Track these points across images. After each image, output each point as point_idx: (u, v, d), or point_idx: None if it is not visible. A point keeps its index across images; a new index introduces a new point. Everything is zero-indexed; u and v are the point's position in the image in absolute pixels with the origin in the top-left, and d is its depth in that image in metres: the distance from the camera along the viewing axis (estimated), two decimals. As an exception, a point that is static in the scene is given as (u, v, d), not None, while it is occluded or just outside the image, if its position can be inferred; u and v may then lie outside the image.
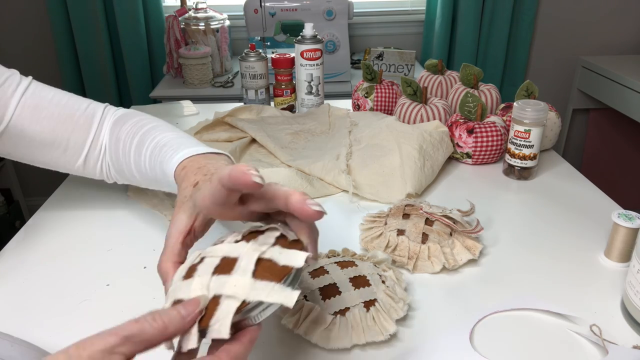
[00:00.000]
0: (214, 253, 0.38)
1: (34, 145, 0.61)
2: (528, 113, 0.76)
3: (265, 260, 0.36)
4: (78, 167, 0.65)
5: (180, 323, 0.33)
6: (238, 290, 0.34)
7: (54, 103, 0.62)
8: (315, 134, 0.94)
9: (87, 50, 1.89)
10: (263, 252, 0.37)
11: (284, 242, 0.38)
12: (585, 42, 2.08)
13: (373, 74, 1.00)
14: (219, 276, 0.36)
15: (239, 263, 0.36)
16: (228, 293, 0.34)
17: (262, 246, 0.37)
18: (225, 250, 0.38)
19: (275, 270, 0.36)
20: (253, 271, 0.35)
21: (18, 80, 0.61)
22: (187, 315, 0.33)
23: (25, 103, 0.60)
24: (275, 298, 0.34)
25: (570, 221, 0.70)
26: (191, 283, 0.36)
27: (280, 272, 0.35)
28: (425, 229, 0.62)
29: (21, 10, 1.91)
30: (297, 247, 0.38)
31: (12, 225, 2.00)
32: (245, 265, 0.36)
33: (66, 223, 0.70)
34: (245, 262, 0.36)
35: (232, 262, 0.37)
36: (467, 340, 0.49)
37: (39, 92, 0.62)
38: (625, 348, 0.47)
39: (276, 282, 0.35)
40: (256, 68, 1.05)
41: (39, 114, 0.60)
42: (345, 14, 1.58)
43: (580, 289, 0.57)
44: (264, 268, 0.36)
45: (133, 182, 0.64)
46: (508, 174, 0.82)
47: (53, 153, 0.63)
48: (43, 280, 0.59)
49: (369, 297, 0.50)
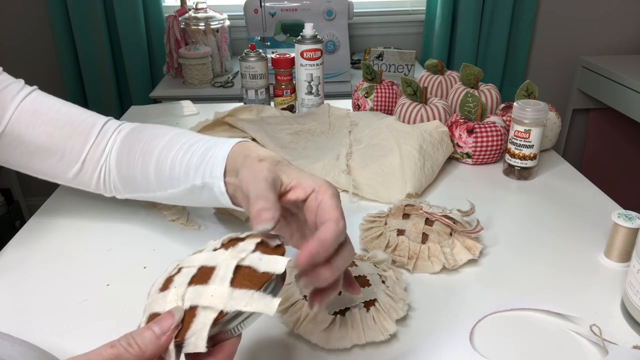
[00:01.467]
0: (191, 263, 0.37)
1: (31, 151, 0.60)
2: (528, 113, 0.76)
3: (244, 268, 0.35)
4: (72, 176, 0.63)
5: (156, 345, 0.31)
6: (215, 300, 0.33)
7: (54, 110, 0.61)
8: (315, 134, 0.94)
9: (87, 50, 1.89)
10: (242, 259, 0.35)
11: (264, 248, 0.37)
12: (585, 42, 2.08)
13: (373, 74, 1.00)
14: (196, 286, 0.34)
15: (217, 272, 0.35)
16: (205, 304, 0.33)
17: (241, 253, 0.36)
18: (203, 259, 0.37)
19: (255, 277, 0.34)
20: (231, 279, 0.34)
21: (20, 87, 0.61)
22: (162, 335, 0.32)
23: (24, 108, 0.60)
24: (254, 307, 0.33)
25: (570, 221, 0.70)
26: (167, 295, 0.35)
27: (260, 279, 0.34)
28: (425, 229, 0.62)
29: (21, 10, 1.91)
30: (279, 252, 0.36)
31: (12, 225, 2.00)
32: (223, 274, 0.34)
33: (66, 223, 0.70)
34: (223, 271, 0.34)
35: (209, 271, 0.35)
36: (467, 340, 0.49)
37: (40, 99, 0.61)
38: (625, 348, 0.47)
39: (255, 290, 0.33)
40: (256, 68, 1.05)
41: (37, 119, 0.60)
42: (345, 14, 1.58)
43: (580, 289, 0.57)
44: (242, 276, 0.34)
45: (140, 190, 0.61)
46: (508, 174, 0.82)
47: (49, 160, 0.61)
48: (43, 280, 0.59)
49: (369, 297, 0.50)
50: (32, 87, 0.62)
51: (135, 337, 0.31)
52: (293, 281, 0.54)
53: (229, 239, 0.39)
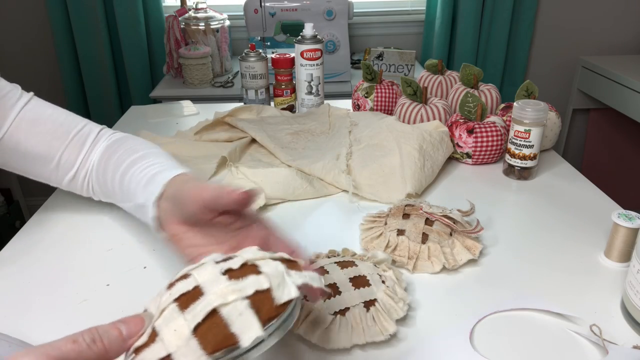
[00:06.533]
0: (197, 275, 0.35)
1: (28, 158, 0.63)
2: (528, 113, 0.76)
3: (217, 316, 0.32)
4: (66, 183, 0.66)
5: (121, 346, 0.31)
6: (172, 339, 0.31)
7: (51, 119, 0.63)
8: (315, 134, 0.94)
9: (87, 50, 1.89)
10: (225, 304, 0.32)
11: (263, 298, 0.33)
12: (585, 42, 2.08)
13: (373, 74, 1.00)
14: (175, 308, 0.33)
15: (197, 304, 0.32)
16: (164, 335, 0.31)
17: (233, 294, 0.32)
18: (202, 280, 0.34)
19: (218, 336, 0.31)
20: (197, 325, 0.31)
21: (19, 94, 0.63)
22: (129, 337, 0.31)
23: (24, 117, 0.62)
24: None
25: (570, 221, 0.70)
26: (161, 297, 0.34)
27: (220, 343, 0.31)
28: (425, 229, 0.62)
29: (21, 10, 1.91)
30: (279, 310, 0.32)
31: (12, 225, 2.00)
32: (197, 312, 0.32)
33: (66, 223, 0.70)
34: (200, 307, 0.32)
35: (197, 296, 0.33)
36: (467, 340, 0.49)
37: (39, 107, 0.63)
38: (625, 348, 0.47)
39: (207, 353, 0.30)
40: (256, 68, 1.05)
41: (36, 129, 0.62)
42: (345, 14, 1.58)
43: (580, 289, 0.57)
44: (209, 327, 0.31)
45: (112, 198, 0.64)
46: (508, 174, 0.82)
47: (45, 167, 0.64)
48: (43, 280, 0.59)
49: (369, 297, 0.50)
50: (29, 94, 0.64)
51: (101, 334, 0.30)
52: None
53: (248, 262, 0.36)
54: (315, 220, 0.71)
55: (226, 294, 0.32)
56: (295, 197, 0.75)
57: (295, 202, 0.76)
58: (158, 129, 1.03)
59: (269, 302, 0.33)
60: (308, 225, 0.70)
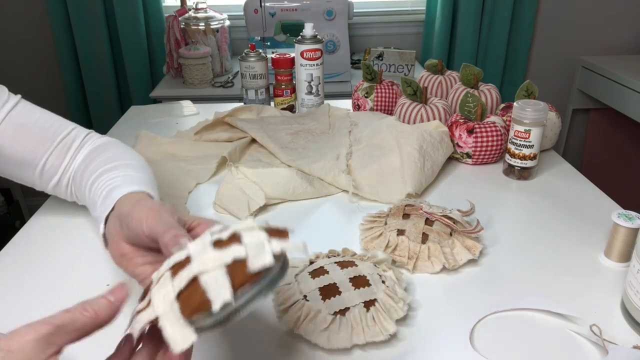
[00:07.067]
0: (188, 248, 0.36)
1: (13, 163, 0.62)
2: (528, 113, 0.76)
3: (197, 283, 0.33)
4: (51, 188, 0.66)
5: (109, 309, 0.34)
6: (160, 303, 0.33)
7: (38, 125, 0.63)
8: (315, 134, 0.94)
9: (87, 50, 1.89)
10: (205, 272, 0.33)
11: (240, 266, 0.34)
12: (585, 42, 2.08)
13: (373, 74, 1.00)
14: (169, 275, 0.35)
15: (183, 272, 0.34)
16: (155, 300, 0.34)
17: (213, 262, 0.34)
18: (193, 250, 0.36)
19: (195, 302, 0.33)
20: (180, 291, 0.33)
21: (5, 97, 0.62)
22: (117, 302, 0.34)
23: (10, 121, 0.61)
24: (170, 332, 0.32)
25: (570, 221, 0.70)
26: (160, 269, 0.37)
27: (197, 307, 0.32)
28: (425, 229, 0.62)
29: (21, 10, 1.91)
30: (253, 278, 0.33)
31: (12, 225, 2.00)
32: (182, 279, 0.34)
33: (66, 223, 0.70)
34: (185, 274, 0.34)
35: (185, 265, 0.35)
36: (467, 340, 0.49)
37: (25, 112, 0.63)
38: (625, 348, 0.47)
39: (185, 316, 0.32)
40: (256, 68, 1.05)
41: (21, 134, 0.61)
42: (345, 14, 1.58)
43: (580, 289, 0.57)
44: (190, 293, 0.33)
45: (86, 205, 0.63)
46: (508, 174, 0.82)
47: (30, 172, 0.64)
48: (43, 280, 0.59)
49: (369, 297, 0.50)
50: (16, 97, 0.63)
51: (91, 304, 0.33)
52: (293, 281, 0.54)
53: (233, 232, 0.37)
54: (315, 220, 0.71)
55: (207, 262, 0.34)
56: (295, 197, 0.75)
57: (295, 202, 0.76)
58: (158, 129, 1.03)
59: (243, 270, 0.33)
60: (308, 225, 0.70)
